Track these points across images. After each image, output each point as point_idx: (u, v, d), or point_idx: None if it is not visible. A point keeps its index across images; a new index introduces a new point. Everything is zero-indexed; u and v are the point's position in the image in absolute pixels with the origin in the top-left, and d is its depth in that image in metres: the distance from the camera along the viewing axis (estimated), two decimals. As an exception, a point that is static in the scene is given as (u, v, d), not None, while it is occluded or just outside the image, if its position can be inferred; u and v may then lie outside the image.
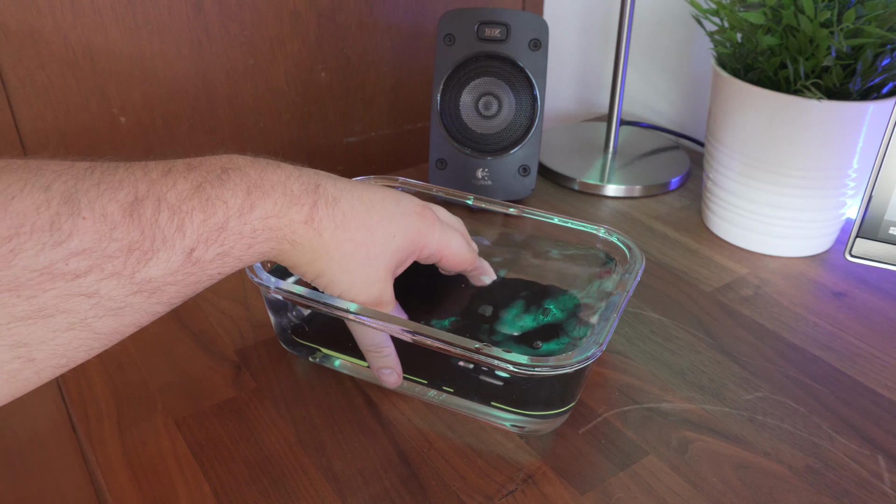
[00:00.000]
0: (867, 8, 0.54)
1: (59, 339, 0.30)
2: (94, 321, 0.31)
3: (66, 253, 0.29)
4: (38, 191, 0.29)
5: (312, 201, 0.38)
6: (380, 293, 0.43)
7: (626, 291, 0.46)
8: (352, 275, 0.41)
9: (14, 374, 0.29)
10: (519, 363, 0.40)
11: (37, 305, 0.29)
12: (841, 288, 0.60)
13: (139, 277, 0.31)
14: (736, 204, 0.64)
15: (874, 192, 0.51)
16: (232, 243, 0.35)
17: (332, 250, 0.40)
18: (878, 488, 0.42)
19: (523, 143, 0.69)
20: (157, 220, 0.32)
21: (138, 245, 0.31)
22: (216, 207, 0.34)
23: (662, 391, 0.49)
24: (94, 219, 0.30)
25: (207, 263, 0.34)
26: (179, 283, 0.33)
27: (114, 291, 0.31)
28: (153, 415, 0.46)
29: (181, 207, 0.33)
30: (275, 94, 0.81)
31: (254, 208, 0.36)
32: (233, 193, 0.35)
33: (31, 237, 0.28)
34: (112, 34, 0.69)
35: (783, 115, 0.58)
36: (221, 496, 0.41)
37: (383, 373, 0.46)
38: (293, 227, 0.38)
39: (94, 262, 0.30)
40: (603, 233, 0.52)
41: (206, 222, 0.34)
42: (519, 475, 0.42)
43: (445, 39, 0.67)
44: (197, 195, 0.34)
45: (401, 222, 0.43)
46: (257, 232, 0.36)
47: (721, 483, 0.42)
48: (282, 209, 0.37)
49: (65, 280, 0.29)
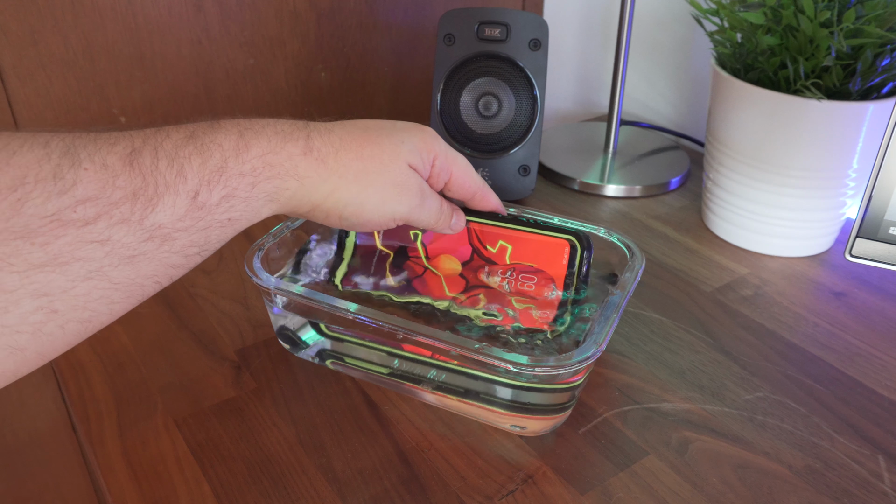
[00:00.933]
0: (867, 8, 0.54)
1: (78, 289, 0.30)
2: (111, 269, 0.31)
3: (72, 200, 0.30)
4: (37, 146, 0.30)
5: (305, 134, 0.39)
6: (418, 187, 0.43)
7: (626, 291, 0.46)
8: (377, 186, 0.41)
9: (39, 327, 0.30)
10: (519, 363, 0.40)
11: (52, 252, 0.29)
12: (841, 288, 0.60)
13: (148, 223, 0.32)
14: (736, 204, 0.64)
15: (874, 192, 0.51)
16: (235, 184, 0.35)
17: (343, 173, 0.40)
18: (878, 488, 0.42)
19: (523, 143, 0.69)
20: (156, 166, 0.33)
21: (142, 191, 0.32)
22: (212, 151, 0.35)
23: (662, 391, 0.49)
24: (96, 169, 0.31)
25: (214, 207, 0.35)
26: (189, 228, 0.34)
27: (126, 238, 0.31)
28: (153, 415, 0.46)
29: (178, 154, 0.34)
30: (275, 94, 0.81)
31: (249, 147, 0.36)
32: (225, 136, 0.36)
33: (37, 187, 0.29)
34: (112, 34, 0.69)
35: (783, 115, 0.58)
36: (221, 496, 0.41)
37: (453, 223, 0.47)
38: (294, 161, 0.38)
39: (102, 209, 0.30)
40: (603, 233, 0.52)
41: (204, 165, 0.34)
42: (519, 475, 0.42)
43: (445, 39, 0.67)
44: (192, 141, 0.34)
45: (403, 132, 0.43)
46: (257, 170, 0.36)
47: (721, 483, 0.42)
48: (277, 144, 0.37)
49: (76, 227, 0.30)
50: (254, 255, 0.48)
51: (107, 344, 0.52)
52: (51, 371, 0.51)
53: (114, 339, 0.53)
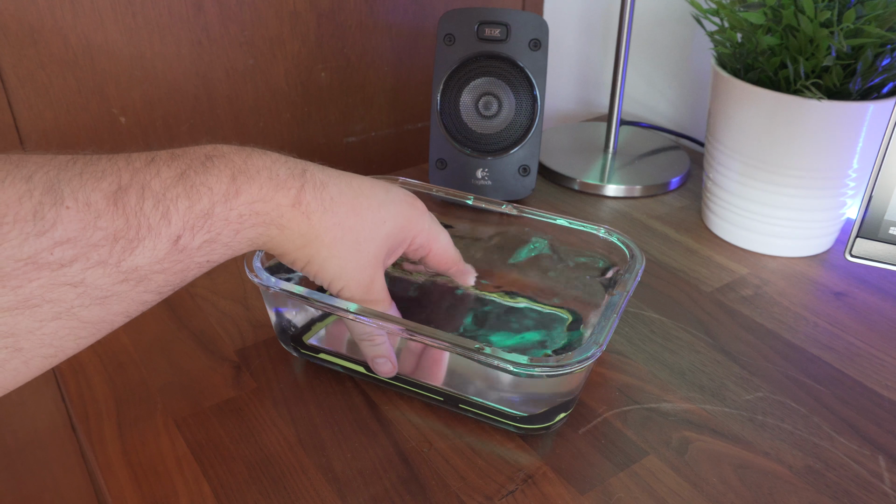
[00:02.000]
0: (867, 8, 0.54)
1: (45, 329, 0.30)
2: (81, 310, 0.31)
3: (50, 242, 0.29)
4: (20, 181, 0.29)
5: (300, 185, 0.38)
6: (370, 279, 0.42)
7: (626, 291, 0.46)
8: (342, 259, 0.41)
9: (2, 364, 0.29)
10: (519, 363, 0.40)
11: (23, 295, 0.29)
12: (841, 288, 0.60)
13: (125, 266, 0.31)
14: (736, 204, 0.64)
15: (874, 192, 0.51)
16: (219, 229, 0.35)
17: (320, 234, 0.39)
18: (878, 488, 0.42)
19: (523, 143, 0.69)
20: (141, 207, 0.32)
21: (123, 233, 0.31)
22: (201, 194, 0.34)
23: (662, 391, 0.49)
24: (78, 208, 0.30)
25: (195, 251, 0.34)
26: (167, 270, 0.33)
27: (100, 280, 0.31)
28: (153, 415, 0.46)
29: (165, 195, 0.33)
30: (275, 94, 0.81)
31: (239, 193, 0.35)
32: (217, 179, 0.35)
33: (15, 227, 0.28)
34: (112, 34, 0.69)
35: (783, 115, 0.58)
36: (221, 496, 0.41)
37: (377, 362, 0.45)
38: (280, 212, 0.37)
39: (80, 251, 0.30)
40: (603, 233, 0.52)
41: (191, 209, 0.33)
42: (519, 475, 0.42)
43: (445, 39, 0.67)
44: (181, 182, 0.33)
45: (391, 208, 0.43)
46: (244, 217, 0.36)
47: (721, 483, 0.42)
48: (268, 193, 0.37)
49: (50, 269, 0.29)
50: (254, 255, 0.48)
51: (107, 344, 0.52)
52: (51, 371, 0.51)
53: (114, 339, 0.53)
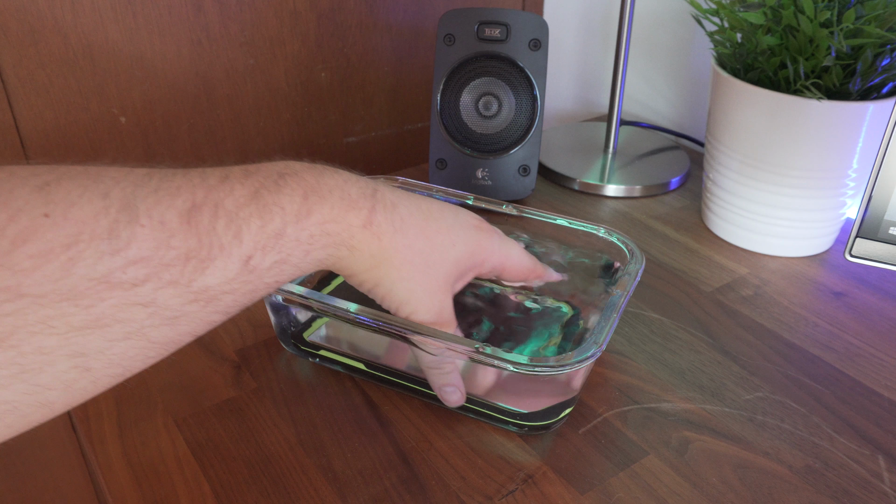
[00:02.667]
0: (867, 8, 0.54)
1: (115, 349, 0.29)
2: (151, 330, 0.30)
3: (123, 261, 0.29)
4: (97, 198, 0.29)
5: (371, 205, 0.38)
6: (440, 306, 0.42)
7: (625, 291, 0.46)
8: (411, 283, 0.40)
9: (71, 384, 0.29)
10: (519, 363, 0.40)
11: (95, 315, 0.28)
12: (841, 288, 0.60)
13: (196, 286, 0.31)
14: (736, 204, 0.64)
15: (874, 192, 0.51)
16: (290, 250, 0.34)
17: (391, 256, 0.39)
18: (878, 488, 0.42)
19: (523, 143, 0.69)
20: (214, 227, 0.31)
21: (195, 253, 0.31)
22: (273, 213, 0.33)
23: (662, 391, 0.49)
24: (153, 226, 0.30)
25: (265, 271, 0.34)
26: (236, 291, 0.33)
27: (171, 300, 0.30)
28: (153, 415, 0.46)
29: (238, 214, 0.32)
30: (275, 94, 0.81)
31: (311, 213, 0.35)
32: (290, 199, 0.34)
33: (90, 245, 0.28)
34: (112, 34, 0.69)
35: (783, 115, 0.58)
36: (221, 496, 0.41)
37: (446, 391, 0.44)
38: (351, 232, 0.37)
39: (152, 271, 0.29)
40: (603, 233, 0.52)
41: (263, 229, 0.33)
42: (519, 475, 0.42)
43: (445, 39, 0.67)
44: (254, 201, 0.33)
45: (460, 233, 0.42)
46: (315, 238, 0.35)
47: (721, 483, 0.42)
48: (339, 213, 0.36)
49: (123, 289, 0.29)
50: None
51: (107, 344, 0.52)
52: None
53: (114, 339, 0.53)
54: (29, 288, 0.26)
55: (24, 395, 0.27)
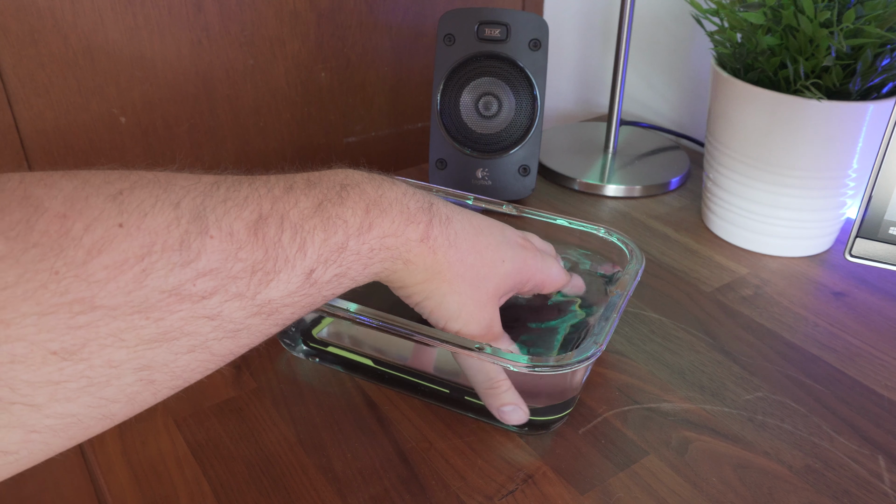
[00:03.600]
0: (867, 8, 0.54)
1: (179, 361, 0.29)
2: (214, 343, 0.30)
3: (194, 273, 0.28)
4: (169, 208, 0.29)
5: (428, 219, 0.38)
6: (490, 319, 0.42)
7: (625, 291, 0.46)
8: (462, 296, 0.40)
9: (134, 397, 0.29)
10: (519, 363, 0.40)
11: (164, 328, 0.28)
12: (841, 288, 0.60)
13: (260, 299, 0.31)
14: (736, 204, 0.64)
15: (874, 192, 0.51)
16: (350, 263, 0.35)
17: (443, 270, 0.39)
18: (878, 488, 0.42)
19: (523, 143, 0.69)
20: (280, 239, 0.31)
21: (262, 265, 0.31)
22: (336, 227, 0.34)
23: (662, 391, 0.49)
24: (222, 237, 0.30)
25: (324, 285, 0.34)
26: (296, 304, 0.33)
27: (235, 313, 0.30)
28: (153, 415, 0.46)
29: (303, 226, 0.32)
30: (275, 94, 0.81)
31: (372, 227, 0.35)
32: (353, 212, 0.35)
33: (163, 256, 0.28)
34: (112, 34, 0.69)
35: (783, 115, 0.58)
36: (221, 496, 0.41)
37: (504, 411, 0.43)
38: (409, 246, 0.37)
39: (220, 283, 0.29)
40: (603, 233, 0.52)
41: (326, 242, 0.33)
42: (519, 475, 0.42)
43: (445, 39, 0.67)
44: (318, 214, 0.33)
45: (507, 250, 0.43)
46: (374, 252, 0.36)
47: (721, 483, 0.42)
48: (399, 227, 0.37)
49: (192, 301, 0.28)
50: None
51: (107, 344, 0.52)
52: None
53: (114, 339, 0.53)
54: (103, 300, 0.26)
55: (89, 408, 0.27)
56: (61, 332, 0.25)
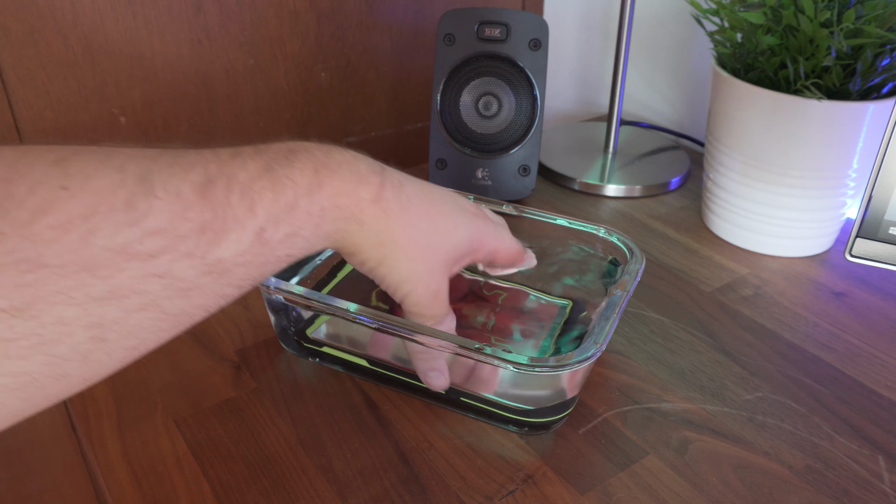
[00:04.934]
0: (867, 8, 0.54)
1: (131, 320, 0.30)
2: (165, 301, 0.31)
3: (141, 233, 0.29)
4: (113, 171, 0.29)
5: (380, 181, 0.38)
6: (438, 287, 0.42)
7: (626, 291, 0.46)
8: (414, 262, 0.41)
9: (87, 355, 0.29)
10: (519, 363, 0.40)
11: (113, 285, 0.29)
12: (841, 288, 0.60)
13: (211, 258, 0.31)
14: (736, 204, 0.64)
15: (874, 192, 0.51)
16: (301, 223, 0.35)
17: (397, 234, 0.40)
18: (878, 488, 0.42)
19: (523, 143, 0.69)
20: (228, 199, 0.32)
21: (211, 225, 0.31)
22: (285, 186, 0.34)
23: (662, 391, 0.49)
24: (169, 199, 0.30)
25: (277, 244, 0.34)
26: (249, 263, 0.33)
27: (185, 272, 0.31)
28: (153, 415, 0.46)
29: (252, 187, 0.33)
30: (275, 94, 0.81)
31: (322, 187, 0.36)
32: (301, 172, 0.35)
33: (108, 216, 0.28)
34: (112, 34, 0.69)
35: (783, 115, 0.58)
36: (221, 496, 0.41)
37: (430, 375, 0.44)
38: (361, 206, 0.38)
39: (169, 242, 0.30)
40: (603, 233, 0.52)
41: (276, 202, 0.34)
42: (519, 475, 0.42)
43: (445, 39, 0.67)
44: (266, 175, 0.34)
45: (460, 217, 0.43)
46: (326, 211, 0.36)
47: (721, 483, 0.42)
48: (350, 187, 0.37)
49: (140, 260, 0.29)
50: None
51: (107, 344, 0.52)
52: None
53: (114, 339, 0.53)
54: (49, 258, 0.27)
55: (43, 366, 0.28)
56: (9, 290, 0.26)
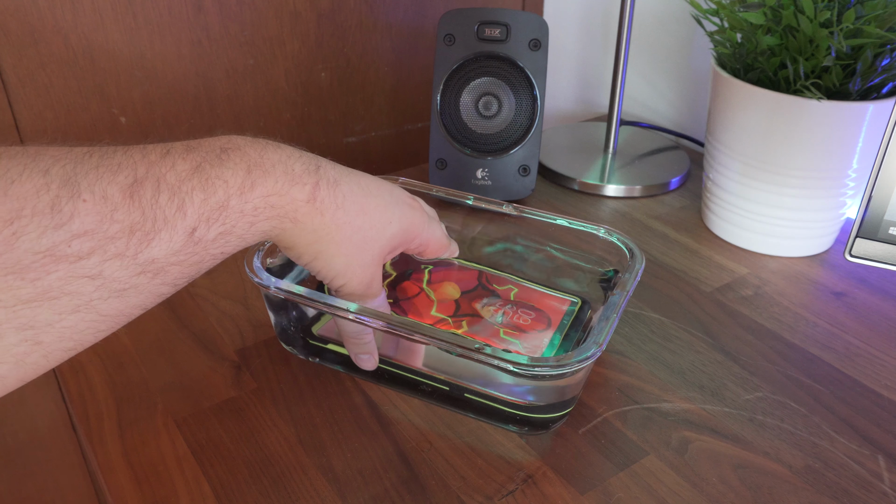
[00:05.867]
0: (867, 8, 0.54)
1: (65, 322, 0.30)
2: (100, 303, 0.31)
3: (68, 235, 0.29)
4: (37, 175, 0.29)
5: (314, 181, 0.39)
6: (371, 278, 0.44)
7: (625, 291, 0.46)
8: (348, 258, 0.42)
9: (22, 358, 0.30)
10: (519, 363, 0.40)
11: (42, 288, 0.29)
12: (841, 288, 0.60)
13: (142, 258, 0.32)
14: (736, 204, 0.64)
15: (874, 192, 0.51)
16: (234, 221, 0.35)
17: (332, 232, 0.40)
18: (878, 488, 0.42)
19: (523, 143, 0.69)
20: (157, 200, 0.32)
21: (140, 226, 0.31)
22: (216, 187, 0.34)
23: (662, 391, 0.49)
24: (95, 201, 0.30)
25: (210, 243, 0.34)
26: (183, 262, 0.33)
27: (118, 273, 0.31)
28: (153, 415, 0.46)
29: (181, 188, 0.33)
30: (275, 94, 0.81)
31: (255, 186, 0.36)
32: (233, 172, 0.35)
33: (33, 220, 0.28)
34: (112, 34, 0.69)
35: (783, 115, 0.58)
36: (221, 496, 0.41)
37: (361, 358, 0.47)
38: (296, 206, 0.38)
39: (97, 244, 0.30)
40: (603, 233, 0.52)
41: (206, 201, 0.34)
42: (519, 475, 0.42)
43: (445, 39, 0.67)
44: (196, 175, 0.34)
45: (395, 211, 0.44)
46: (259, 210, 0.36)
47: (721, 483, 0.42)
48: (283, 187, 0.37)
49: (68, 262, 0.29)
50: (254, 254, 0.48)
51: (107, 344, 0.52)
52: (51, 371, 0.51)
53: (114, 339, 0.53)
54: None
55: None
56: None
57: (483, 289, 0.53)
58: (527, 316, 0.51)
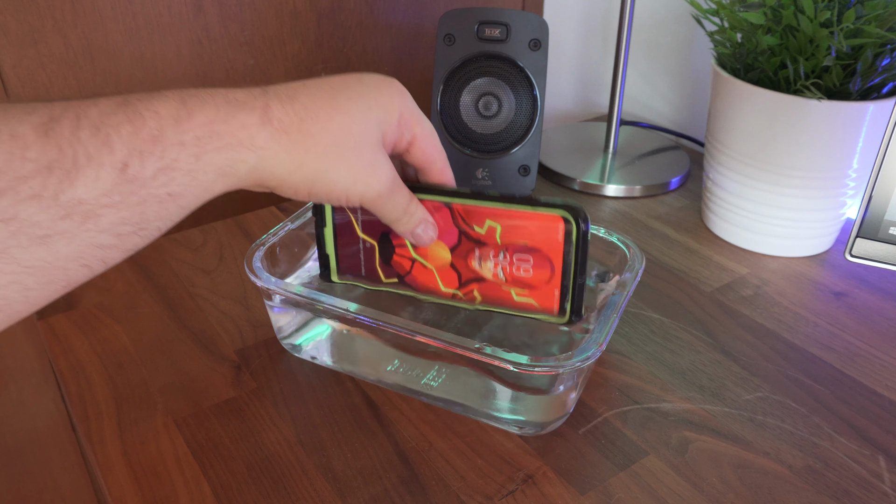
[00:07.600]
0: (867, 8, 0.54)
1: None
2: (19, 251, 0.28)
3: None
4: None
5: (263, 103, 0.35)
6: (387, 173, 0.39)
7: (626, 291, 0.46)
8: (348, 161, 0.37)
9: None
10: (519, 363, 0.40)
11: None
12: (841, 288, 0.60)
13: (65, 199, 0.29)
14: (736, 204, 0.64)
15: (874, 192, 0.51)
16: (174, 154, 0.31)
17: (310, 146, 0.36)
18: (878, 488, 0.42)
19: (523, 143, 0.69)
20: (77, 136, 0.29)
21: (58, 164, 0.29)
22: (146, 118, 0.31)
23: (662, 391, 0.49)
24: (2, 140, 0.28)
25: (149, 180, 0.31)
26: (119, 204, 0.30)
27: (37, 216, 0.28)
28: (153, 415, 0.46)
29: (105, 122, 0.30)
30: (275, 94, 0.81)
31: (192, 115, 0.32)
32: (164, 103, 0.32)
33: None
34: (112, 34, 0.69)
35: (783, 115, 0.58)
36: (221, 496, 0.41)
37: (419, 232, 0.42)
38: (249, 132, 0.34)
39: (7, 184, 0.28)
40: (603, 233, 0.52)
41: (136, 134, 0.30)
42: (519, 475, 0.42)
43: (445, 39, 0.67)
44: (123, 109, 0.31)
45: (371, 94, 0.39)
46: (202, 140, 0.32)
47: (721, 483, 0.42)
48: (227, 113, 0.33)
49: None
50: (254, 254, 0.48)
51: (107, 344, 0.52)
52: (51, 371, 0.51)
53: (114, 339, 0.53)
54: None
55: None
56: None
57: (467, 238, 0.49)
58: (525, 263, 0.46)
